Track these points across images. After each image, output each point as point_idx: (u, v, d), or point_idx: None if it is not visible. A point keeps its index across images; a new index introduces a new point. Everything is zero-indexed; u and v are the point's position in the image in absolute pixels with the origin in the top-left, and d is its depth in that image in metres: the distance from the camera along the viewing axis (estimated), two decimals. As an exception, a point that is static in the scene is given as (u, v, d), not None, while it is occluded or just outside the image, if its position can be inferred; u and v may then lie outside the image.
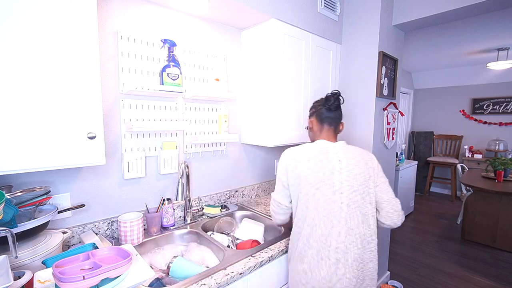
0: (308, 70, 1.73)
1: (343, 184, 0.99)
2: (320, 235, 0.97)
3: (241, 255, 1.10)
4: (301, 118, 1.73)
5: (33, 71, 0.78)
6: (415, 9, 1.84)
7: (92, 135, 0.89)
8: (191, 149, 1.52)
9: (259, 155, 1.93)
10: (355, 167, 1.02)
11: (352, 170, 1.01)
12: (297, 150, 1.06)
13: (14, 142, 0.76)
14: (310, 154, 1.02)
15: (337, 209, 0.97)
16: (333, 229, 0.97)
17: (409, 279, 2.42)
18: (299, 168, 1.01)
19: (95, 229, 1.20)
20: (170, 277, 1.02)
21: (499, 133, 4.64)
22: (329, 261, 0.96)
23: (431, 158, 4.98)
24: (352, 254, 0.97)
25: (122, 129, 1.25)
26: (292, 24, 1.58)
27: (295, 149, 1.07)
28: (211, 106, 1.59)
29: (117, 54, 1.22)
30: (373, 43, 1.83)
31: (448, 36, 3.13)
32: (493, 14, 2.50)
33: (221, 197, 1.70)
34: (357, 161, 1.03)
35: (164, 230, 1.33)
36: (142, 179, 1.34)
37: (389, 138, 2.07)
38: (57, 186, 1.09)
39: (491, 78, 4.65)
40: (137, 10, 1.26)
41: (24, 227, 0.83)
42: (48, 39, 0.79)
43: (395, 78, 2.07)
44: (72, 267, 0.74)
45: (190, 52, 1.46)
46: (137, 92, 1.22)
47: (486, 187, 2.94)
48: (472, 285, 2.33)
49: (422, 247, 3.04)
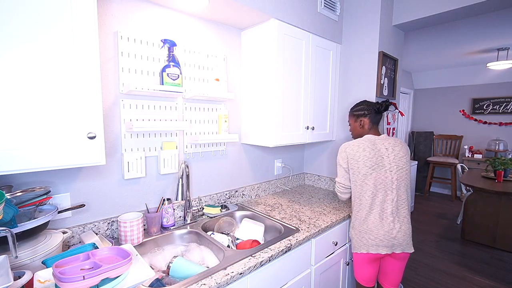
0: (308, 70, 1.73)
1: (392, 164, 1.36)
2: (379, 202, 1.34)
3: (241, 255, 1.10)
4: (301, 118, 1.73)
5: (33, 71, 0.78)
6: (415, 9, 1.84)
7: (92, 135, 0.89)
8: (191, 149, 1.52)
9: (259, 155, 1.93)
10: (399, 152, 1.39)
11: (397, 154, 1.38)
12: (353, 143, 1.41)
13: (14, 142, 0.76)
14: (365, 146, 1.37)
15: (389, 182, 1.34)
16: (387, 197, 1.34)
17: (409, 279, 2.42)
18: (357, 156, 1.37)
19: (95, 229, 1.20)
20: (170, 277, 1.02)
21: (499, 133, 4.64)
22: (388, 220, 1.32)
23: (431, 158, 4.98)
24: (402, 213, 1.35)
25: (122, 129, 1.25)
26: (292, 24, 1.58)
27: (352, 143, 1.42)
28: (211, 106, 1.59)
29: (117, 54, 1.22)
30: (373, 43, 1.84)
31: (448, 36, 3.13)
32: (493, 14, 2.50)
33: (221, 197, 1.70)
34: (400, 148, 1.40)
35: (164, 230, 1.33)
36: (142, 179, 1.34)
37: (389, 138, 2.07)
38: (57, 186, 1.09)
39: (491, 78, 4.65)
40: (137, 10, 1.26)
41: (24, 227, 0.83)
42: (48, 40, 0.79)
43: (395, 78, 2.07)
44: (72, 267, 0.74)
45: (190, 52, 1.46)
46: (137, 92, 1.22)
47: (486, 187, 2.94)
48: (472, 285, 2.33)
49: (422, 247, 3.04)
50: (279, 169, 2.11)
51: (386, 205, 1.33)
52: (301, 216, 1.56)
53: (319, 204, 1.78)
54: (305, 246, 1.33)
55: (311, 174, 2.30)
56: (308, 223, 1.44)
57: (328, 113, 1.97)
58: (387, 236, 1.32)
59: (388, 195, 1.34)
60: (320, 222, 1.46)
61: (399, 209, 1.34)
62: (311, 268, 1.39)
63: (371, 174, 1.34)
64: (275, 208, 1.70)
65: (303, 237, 1.28)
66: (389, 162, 1.36)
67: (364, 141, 1.39)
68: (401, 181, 1.36)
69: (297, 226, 1.40)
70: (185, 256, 1.20)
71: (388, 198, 1.34)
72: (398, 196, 1.34)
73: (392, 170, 1.35)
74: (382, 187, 1.34)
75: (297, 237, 1.27)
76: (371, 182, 1.34)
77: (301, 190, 2.12)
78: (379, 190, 1.34)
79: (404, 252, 1.36)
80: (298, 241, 1.25)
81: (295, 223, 1.45)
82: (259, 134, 1.64)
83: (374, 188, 1.34)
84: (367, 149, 1.36)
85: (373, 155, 1.35)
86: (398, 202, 1.34)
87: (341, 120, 2.05)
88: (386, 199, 1.34)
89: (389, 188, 1.34)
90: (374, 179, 1.34)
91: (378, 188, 1.34)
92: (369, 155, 1.35)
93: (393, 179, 1.34)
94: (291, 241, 1.24)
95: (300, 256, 1.30)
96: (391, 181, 1.34)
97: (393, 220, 1.32)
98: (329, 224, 1.45)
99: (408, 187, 1.39)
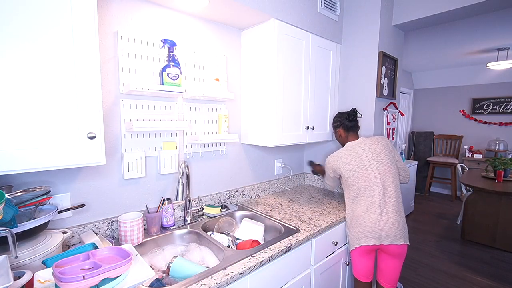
0: (308, 70, 1.73)
1: (371, 162, 1.46)
2: (366, 197, 1.43)
3: (241, 255, 1.10)
4: (301, 118, 1.73)
5: (33, 71, 0.78)
6: (415, 9, 1.84)
7: (92, 135, 0.89)
8: (191, 149, 1.52)
9: (259, 155, 1.93)
10: (376, 148, 1.49)
11: (374, 151, 1.49)
12: (335, 155, 1.56)
13: (14, 142, 0.76)
14: (342, 154, 1.53)
15: (372, 179, 1.44)
16: (374, 192, 1.42)
17: (409, 279, 2.42)
18: (339, 165, 1.52)
19: (95, 229, 1.20)
20: (170, 277, 1.02)
21: (499, 133, 4.64)
22: (375, 212, 1.40)
23: (431, 158, 4.97)
24: (390, 205, 1.41)
25: (122, 129, 1.25)
26: (292, 24, 1.58)
27: (334, 154, 1.57)
28: (211, 106, 1.59)
29: (117, 54, 1.22)
30: (373, 43, 1.84)
31: (448, 36, 3.13)
32: (493, 14, 2.50)
33: (221, 197, 1.70)
34: (376, 145, 1.51)
35: (164, 230, 1.33)
36: (142, 179, 1.34)
37: (389, 138, 2.07)
38: (57, 186, 1.09)
39: (491, 78, 4.65)
40: (137, 10, 1.26)
41: (24, 227, 0.83)
42: (48, 40, 0.79)
43: (395, 78, 2.07)
44: (72, 267, 0.74)
45: (190, 52, 1.46)
46: (137, 92, 1.22)
47: (486, 187, 2.94)
48: (472, 285, 2.33)
49: (422, 247, 3.04)
50: (279, 169, 2.11)
51: (374, 199, 1.42)
52: (301, 216, 1.56)
53: (319, 204, 1.78)
54: (305, 246, 1.33)
55: (311, 174, 2.30)
56: (308, 223, 1.44)
57: (328, 113, 1.97)
58: (374, 227, 1.39)
59: (374, 190, 1.42)
60: (320, 222, 1.46)
61: (387, 201, 1.42)
62: (311, 268, 1.39)
63: (353, 176, 1.47)
64: (275, 208, 1.70)
65: (303, 237, 1.28)
66: (368, 161, 1.47)
67: (343, 150, 1.55)
68: (385, 174, 1.45)
69: (297, 226, 1.40)
70: (185, 256, 1.20)
71: (375, 192, 1.42)
72: (384, 189, 1.42)
73: (373, 166, 1.45)
74: (366, 184, 1.44)
75: (297, 237, 1.27)
76: (355, 182, 1.47)
77: (301, 190, 2.12)
78: (366, 187, 1.44)
79: (393, 245, 1.40)
80: (298, 241, 1.25)
81: (295, 223, 1.45)
82: (259, 134, 1.64)
83: (359, 186, 1.45)
84: (345, 156, 1.51)
85: (351, 159, 1.49)
86: (386, 195, 1.42)
87: (341, 120, 2.05)
88: (373, 193, 1.42)
89: (374, 183, 1.43)
90: (357, 179, 1.46)
91: (363, 185, 1.45)
92: (347, 160, 1.49)
93: (375, 174, 1.44)
94: (291, 241, 1.24)
95: (300, 256, 1.30)
96: (375, 177, 1.44)
97: (381, 212, 1.40)
98: (329, 224, 1.45)
99: (395, 179, 1.47)
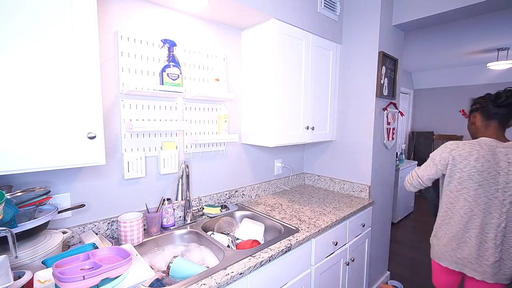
0: (308, 70, 1.73)
1: (509, 184, 1.10)
2: (479, 224, 1.14)
3: (241, 255, 1.10)
4: (301, 118, 1.73)
5: (33, 71, 0.78)
6: (415, 9, 1.84)
7: (92, 135, 0.89)
8: (191, 149, 1.52)
9: (259, 155, 1.93)
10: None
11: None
12: (464, 146, 1.15)
13: (14, 142, 0.76)
14: (478, 155, 1.11)
15: (497, 204, 1.11)
16: (492, 220, 1.12)
17: (409, 279, 2.42)
18: (463, 165, 1.13)
19: (95, 229, 1.20)
20: (170, 277, 1.02)
21: (499, 133, 4.63)
22: (488, 247, 1.13)
23: (431, 158, 4.97)
24: (509, 242, 1.13)
25: (122, 129, 1.25)
26: (292, 24, 1.58)
27: (462, 145, 1.16)
28: (211, 106, 1.59)
29: (117, 54, 1.22)
30: (373, 43, 1.84)
31: (448, 36, 3.13)
32: (493, 14, 2.50)
33: (221, 197, 1.70)
34: None
35: (164, 230, 1.33)
36: (142, 179, 1.34)
37: (389, 138, 2.07)
38: (57, 186, 1.09)
39: (491, 78, 4.64)
40: (137, 10, 1.26)
41: (24, 227, 0.83)
42: (48, 39, 0.79)
43: (395, 78, 2.07)
44: (72, 267, 0.74)
45: (190, 52, 1.46)
46: (137, 92, 1.22)
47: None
48: (472, 285, 2.33)
49: (422, 247, 3.04)
50: (279, 169, 2.11)
51: (488, 229, 1.12)
52: (301, 216, 1.55)
53: (319, 204, 1.78)
54: (305, 246, 1.33)
55: (311, 174, 2.30)
56: (308, 223, 1.44)
57: (328, 113, 1.97)
58: (482, 262, 1.14)
59: (494, 219, 1.12)
60: (320, 222, 1.46)
61: (507, 236, 1.12)
62: (311, 268, 1.39)
63: (476, 190, 1.11)
64: (275, 208, 1.70)
65: (303, 237, 1.28)
66: (505, 181, 1.09)
67: (478, 147, 1.12)
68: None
69: (297, 226, 1.40)
70: (185, 256, 1.20)
71: (493, 221, 1.12)
72: (508, 222, 1.12)
73: (507, 190, 1.10)
74: (485, 206, 1.12)
75: (297, 237, 1.27)
76: (471, 198, 1.12)
77: (301, 190, 2.12)
78: (481, 210, 1.12)
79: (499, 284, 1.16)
80: (298, 241, 1.25)
81: (295, 223, 1.45)
82: (259, 134, 1.64)
83: (475, 206, 1.12)
84: (481, 159, 1.10)
85: (486, 168, 1.09)
86: (506, 229, 1.12)
87: (341, 120, 2.05)
88: (491, 221, 1.12)
89: (495, 210, 1.11)
90: (477, 196, 1.11)
91: (480, 207, 1.12)
92: (481, 167, 1.09)
93: (505, 201, 1.10)
94: (291, 241, 1.24)
95: (300, 256, 1.30)
96: (501, 203, 1.10)
97: (495, 247, 1.12)
98: (329, 224, 1.45)
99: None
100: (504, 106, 1.13)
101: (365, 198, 1.93)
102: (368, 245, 1.92)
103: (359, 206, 1.74)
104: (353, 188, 2.00)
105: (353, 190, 2.00)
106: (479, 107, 1.20)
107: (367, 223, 1.87)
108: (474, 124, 1.23)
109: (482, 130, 1.19)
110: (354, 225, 1.71)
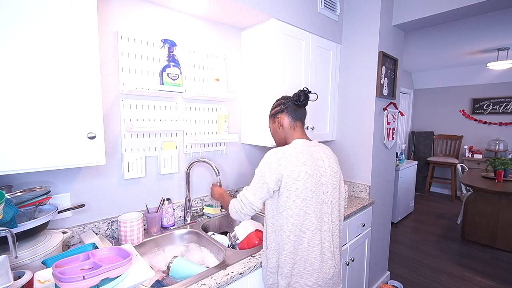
0: (308, 70, 1.73)
1: (328, 183, 1.01)
2: (319, 236, 0.96)
3: (241, 255, 1.10)
4: (301, 118, 1.73)
5: (33, 71, 0.78)
6: (415, 9, 1.83)
7: (92, 135, 0.89)
8: (191, 149, 1.52)
9: (259, 155, 1.93)
10: (334, 165, 1.05)
11: (332, 169, 1.04)
12: (289, 151, 0.96)
13: (14, 142, 0.76)
14: (304, 157, 0.96)
15: (325, 208, 0.99)
16: (324, 227, 0.98)
17: (409, 279, 2.42)
18: (296, 173, 0.93)
19: (95, 229, 1.20)
20: (170, 277, 1.02)
21: (499, 133, 4.63)
22: (326, 257, 0.98)
23: (431, 158, 4.97)
24: (338, 245, 1.05)
25: (122, 129, 1.25)
26: (292, 24, 1.58)
27: (288, 151, 0.96)
28: (211, 106, 1.59)
29: (117, 54, 1.22)
30: (373, 43, 1.83)
31: (448, 36, 3.13)
32: (493, 14, 2.50)
33: (221, 197, 1.70)
34: (333, 159, 1.07)
35: (164, 230, 1.33)
36: (142, 179, 1.34)
37: (389, 138, 2.07)
38: (57, 186, 1.09)
39: (491, 78, 4.64)
40: (137, 10, 1.26)
41: (24, 227, 0.83)
42: (48, 40, 0.79)
43: (395, 78, 2.07)
44: (72, 267, 0.74)
45: (190, 52, 1.46)
46: (137, 92, 1.22)
47: (486, 187, 2.93)
48: (472, 285, 2.33)
49: (422, 247, 3.04)
50: (279, 169, 2.10)
51: (323, 238, 0.97)
52: (301, 216, 1.55)
53: (319, 204, 1.78)
54: (305, 246, 1.32)
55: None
56: (308, 223, 1.44)
57: (328, 113, 1.97)
58: (325, 277, 0.97)
59: (326, 225, 0.98)
60: (320, 222, 1.46)
61: (335, 240, 1.03)
62: (311, 268, 1.39)
63: (312, 199, 0.94)
64: (275, 208, 1.69)
65: (303, 237, 1.28)
66: (326, 180, 1.00)
67: (300, 149, 0.98)
68: (334, 203, 1.02)
69: (297, 226, 1.40)
70: (185, 256, 1.20)
71: (324, 227, 0.98)
72: (333, 224, 1.01)
73: (328, 191, 1.00)
74: (319, 215, 0.97)
75: (297, 237, 1.27)
76: (311, 210, 0.94)
77: (301, 190, 2.12)
78: (318, 220, 0.96)
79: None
80: (298, 241, 1.25)
81: (295, 223, 1.45)
82: (259, 134, 1.63)
83: (314, 217, 0.95)
84: (308, 162, 0.96)
85: (313, 170, 0.96)
86: (333, 232, 1.02)
87: (341, 120, 2.05)
88: (323, 229, 0.98)
89: (325, 216, 0.98)
90: (314, 206, 0.95)
91: (317, 217, 0.96)
92: (310, 171, 0.95)
93: (328, 202, 1.00)
94: (291, 241, 1.24)
95: (300, 256, 1.30)
96: (327, 206, 0.99)
97: (331, 256, 0.99)
98: (329, 224, 1.44)
99: (342, 209, 1.08)
100: (304, 105, 1.10)
101: (365, 198, 1.93)
102: (368, 245, 1.92)
103: (359, 206, 1.74)
104: (353, 188, 2.00)
105: (353, 190, 2.00)
106: (284, 108, 1.09)
107: (367, 223, 1.87)
108: (283, 126, 1.10)
109: (291, 132, 1.09)
110: (354, 225, 1.71)
